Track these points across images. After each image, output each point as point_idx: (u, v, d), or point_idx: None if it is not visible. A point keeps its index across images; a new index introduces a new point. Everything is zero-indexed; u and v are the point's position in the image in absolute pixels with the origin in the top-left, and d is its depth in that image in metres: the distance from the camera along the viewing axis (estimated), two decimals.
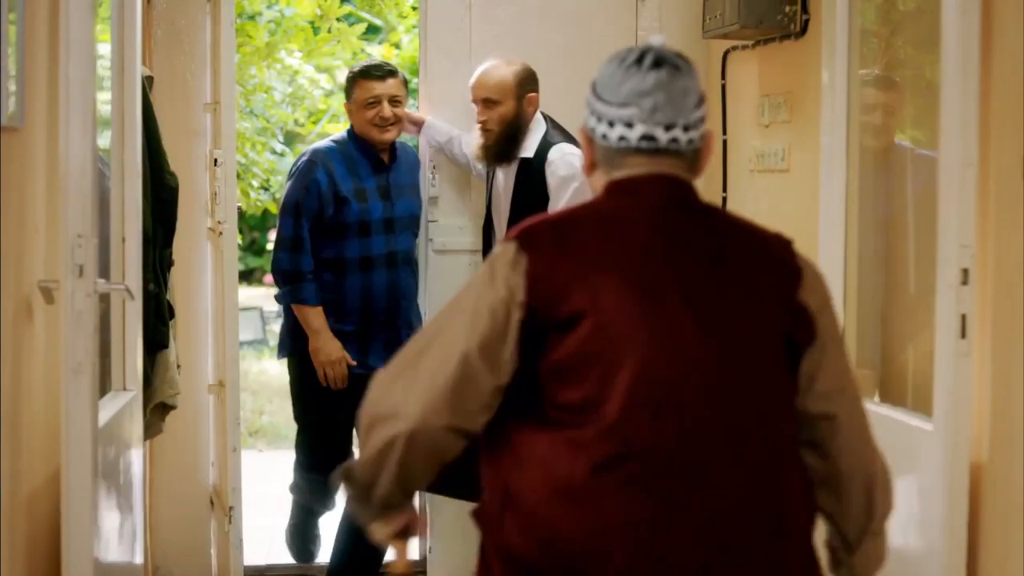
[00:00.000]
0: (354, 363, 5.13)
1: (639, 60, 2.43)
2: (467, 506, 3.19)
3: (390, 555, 3.74)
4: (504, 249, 2.44)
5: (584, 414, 2.33)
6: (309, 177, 5.07)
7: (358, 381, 4.90)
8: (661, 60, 2.43)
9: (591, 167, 2.53)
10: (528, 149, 5.00)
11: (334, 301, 5.13)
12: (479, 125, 5.04)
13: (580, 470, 2.31)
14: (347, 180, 5.11)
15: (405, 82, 5.24)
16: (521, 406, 2.44)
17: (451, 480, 2.93)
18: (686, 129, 2.43)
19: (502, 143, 5.01)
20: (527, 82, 5.03)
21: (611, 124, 2.44)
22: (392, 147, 5.28)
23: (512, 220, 4.93)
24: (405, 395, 2.44)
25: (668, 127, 2.42)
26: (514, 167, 5.02)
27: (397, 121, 5.19)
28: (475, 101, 5.06)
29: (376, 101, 5.15)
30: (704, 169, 2.51)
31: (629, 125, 2.42)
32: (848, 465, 2.50)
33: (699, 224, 2.46)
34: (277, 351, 5.43)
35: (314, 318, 5.09)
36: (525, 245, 2.42)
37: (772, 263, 2.47)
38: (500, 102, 5.00)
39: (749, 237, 2.49)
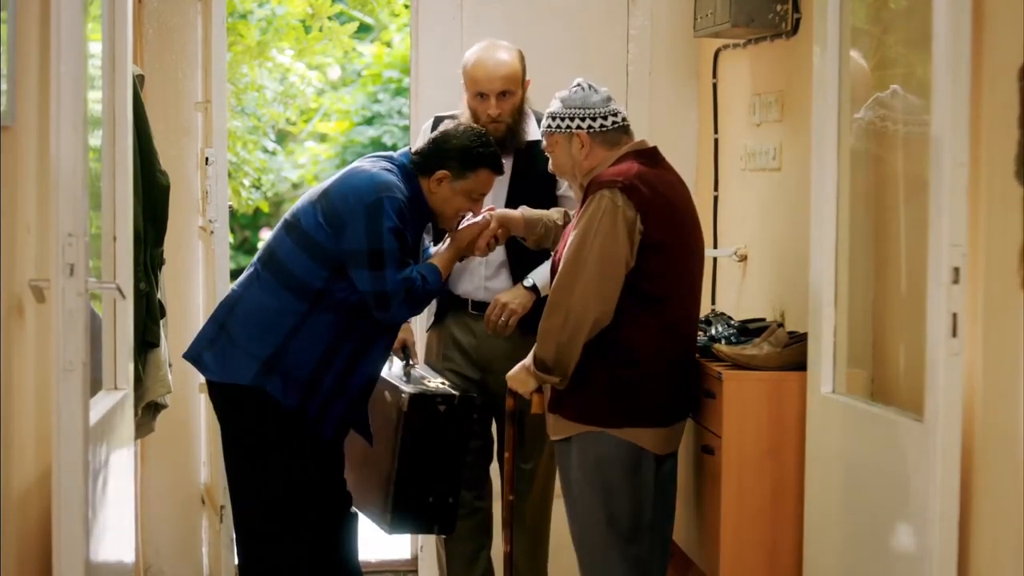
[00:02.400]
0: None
1: (589, 87, 4.22)
2: None
3: None
4: (614, 196, 4.02)
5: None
6: (405, 218, 4.19)
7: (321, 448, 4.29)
8: (593, 85, 4.24)
9: (589, 151, 4.19)
10: (530, 133, 4.76)
11: (323, 357, 4.20)
12: (488, 118, 4.66)
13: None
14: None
15: None
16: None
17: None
18: None
19: (512, 134, 4.73)
20: (525, 66, 4.79)
21: (604, 118, 4.20)
22: None
23: (510, 206, 4.65)
24: (587, 298, 4.02)
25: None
26: (508, 153, 4.73)
27: None
28: (483, 93, 4.69)
29: (482, 197, 4.38)
30: None
31: (614, 115, 4.22)
32: None
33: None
34: (207, 366, 4.31)
35: (445, 269, 4.35)
36: (628, 191, 4.03)
37: None
38: (514, 93, 4.70)
39: None
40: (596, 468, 4.16)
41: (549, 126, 4.23)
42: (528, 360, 4.21)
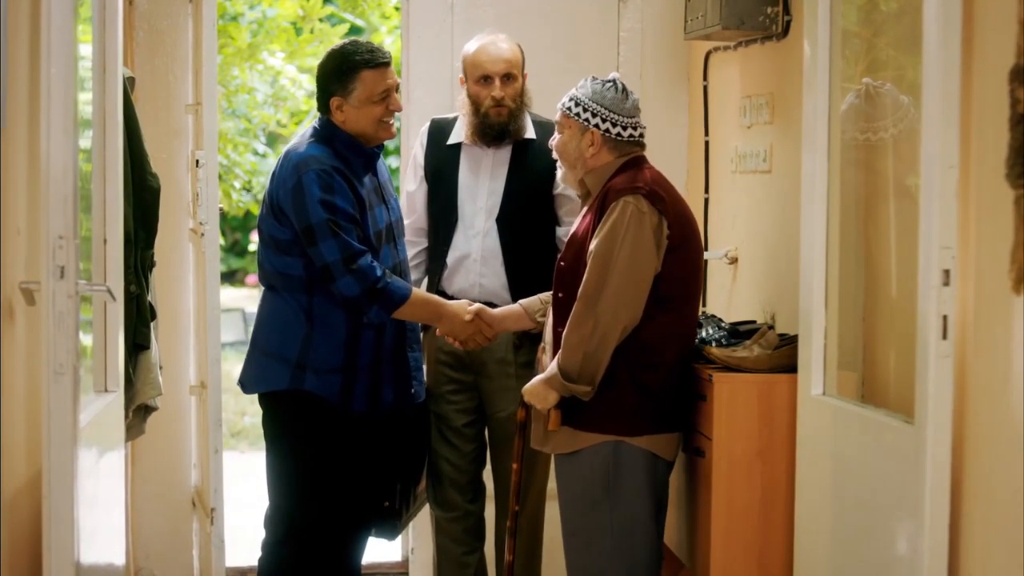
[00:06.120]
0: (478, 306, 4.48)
1: (624, 89, 4.20)
2: None
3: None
4: (639, 202, 4.03)
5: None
6: (331, 184, 4.24)
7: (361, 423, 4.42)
8: (628, 88, 4.22)
9: (597, 151, 4.18)
10: (528, 130, 4.80)
11: (348, 338, 4.35)
12: (492, 100, 4.70)
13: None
14: (355, 186, 4.32)
15: None
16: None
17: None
18: None
19: (517, 120, 4.76)
20: (524, 58, 4.84)
21: (624, 128, 4.17)
22: None
23: (507, 201, 4.76)
24: (617, 306, 4.01)
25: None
26: (505, 148, 4.80)
27: None
28: (488, 76, 4.72)
29: (387, 93, 4.35)
30: None
31: (635, 128, 4.20)
32: None
33: None
34: (245, 384, 4.54)
35: (420, 309, 4.41)
36: (651, 198, 4.04)
37: None
38: (517, 77, 4.75)
39: None
40: (613, 481, 4.13)
41: (570, 109, 4.20)
42: (549, 372, 4.13)
